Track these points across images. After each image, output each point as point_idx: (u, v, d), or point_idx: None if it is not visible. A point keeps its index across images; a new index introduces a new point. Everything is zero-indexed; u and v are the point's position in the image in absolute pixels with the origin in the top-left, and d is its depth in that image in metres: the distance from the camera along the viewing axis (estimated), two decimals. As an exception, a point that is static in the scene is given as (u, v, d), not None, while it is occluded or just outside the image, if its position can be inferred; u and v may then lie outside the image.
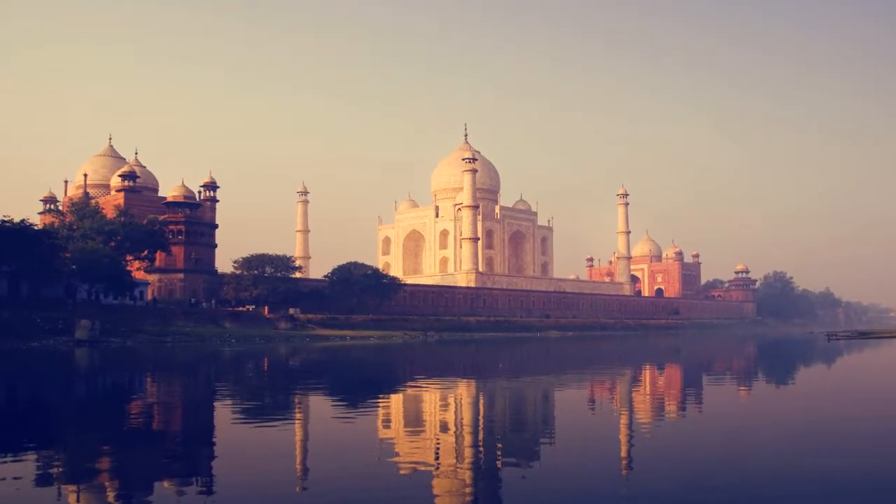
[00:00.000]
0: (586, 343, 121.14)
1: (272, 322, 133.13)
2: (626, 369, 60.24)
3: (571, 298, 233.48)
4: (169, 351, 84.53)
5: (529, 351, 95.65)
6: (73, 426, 27.90)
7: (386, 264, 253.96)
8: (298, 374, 55.75)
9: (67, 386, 44.79)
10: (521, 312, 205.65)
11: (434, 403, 33.98)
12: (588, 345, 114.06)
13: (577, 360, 75.37)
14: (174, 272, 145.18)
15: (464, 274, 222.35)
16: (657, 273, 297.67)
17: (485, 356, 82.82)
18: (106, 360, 68.85)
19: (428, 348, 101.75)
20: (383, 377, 53.11)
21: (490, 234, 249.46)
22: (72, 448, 22.78)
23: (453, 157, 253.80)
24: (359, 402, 35.24)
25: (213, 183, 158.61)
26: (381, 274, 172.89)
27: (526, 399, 36.97)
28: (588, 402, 34.98)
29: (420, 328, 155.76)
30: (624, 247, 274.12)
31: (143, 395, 39.25)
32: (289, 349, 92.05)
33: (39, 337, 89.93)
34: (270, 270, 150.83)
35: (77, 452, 21.91)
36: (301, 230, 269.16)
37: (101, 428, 27.10)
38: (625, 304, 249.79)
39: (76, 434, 25.84)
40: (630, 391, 41.21)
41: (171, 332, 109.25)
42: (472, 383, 45.86)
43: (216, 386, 45.16)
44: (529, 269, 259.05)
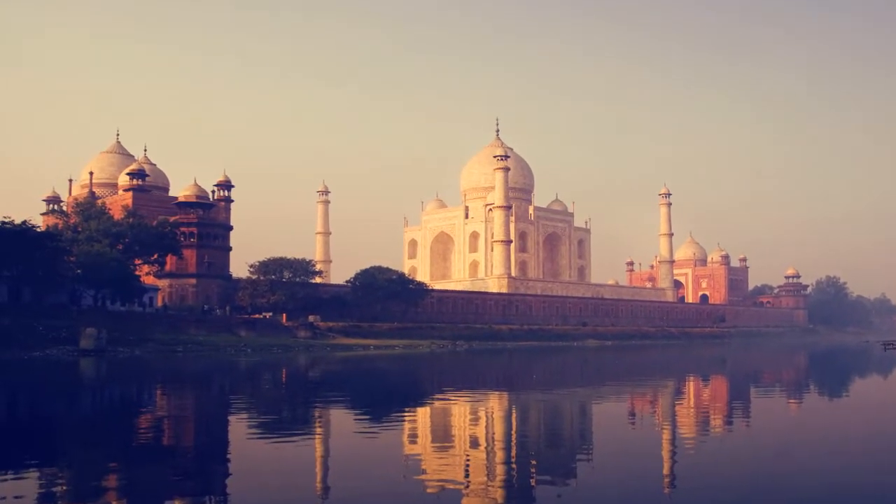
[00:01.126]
0: (626, 353, 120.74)
1: (290, 330, 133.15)
2: (668, 381, 60.12)
3: (610, 305, 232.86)
4: (180, 361, 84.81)
5: (565, 361, 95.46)
6: (77, 442, 28.07)
7: (412, 268, 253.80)
8: (318, 385, 55.86)
9: (72, 398, 45.03)
10: (556, 320, 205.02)
11: (463, 417, 34.00)
12: (628, 354, 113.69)
13: (616, 370, 75.21)
14: (186, 277, 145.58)
15: (495, 279, 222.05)
16: (702, 278, 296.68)
17: (518, 367, 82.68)
18: (113, 370, 69.18)
19: (457, 358, 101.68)
20: (409, 389, 53.24)
21: (523, 237, 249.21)
22: (76, 465, 22.92)
23: (484, 155, 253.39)
24: (383, 415, 35.32)
25: (227, 182, 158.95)
26: (406, 279, 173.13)
27: (561, 413, 36.95)
28: (628, 416, 34.94)
29: (448, 337, 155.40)
30: (666, 250, 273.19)
31: (153, 408, 39.45)
32: (308, 359, 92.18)
33: (42, 346, 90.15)
34: (289, 275, 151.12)
35: (82, 470, 22.05)
36: (321, 232, 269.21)
37: (107, 444, 27.25)
38: (667, 312, 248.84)
39: (81, 450, 25.99)
40: (673, 404, 41.12)
41: (183, 340, 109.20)
42: (504, 396, 45.86)
43: (231, 399, 45.34)
44: (565, 274, 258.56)
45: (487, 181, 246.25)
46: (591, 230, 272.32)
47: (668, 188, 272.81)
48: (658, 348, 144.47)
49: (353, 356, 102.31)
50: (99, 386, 54.19)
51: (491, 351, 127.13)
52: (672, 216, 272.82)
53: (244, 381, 60.54)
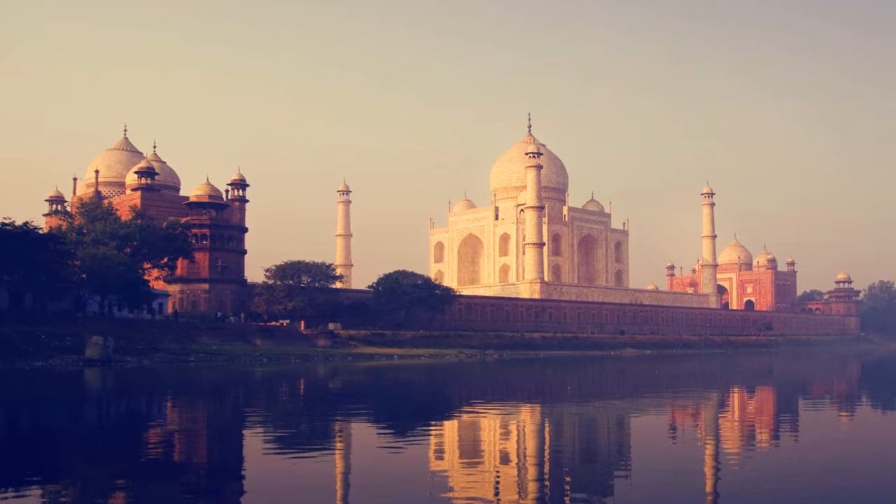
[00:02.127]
0: (666, 362, 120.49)
1: (309, 339, 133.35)
2: (711, 392, 60.07)
3: (649, 312, 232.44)
4: (192, 372, 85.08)
5: (602, 371, 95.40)
6: (82, 457, 28.23)
7: (439, 273, 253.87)
8: (339, 397, 56.01)
9: (76, 411, 45.30)
10: (591, 328, 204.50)
11: (493, 431, 34.05)
12: (668, 364, 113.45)
13: (655, 381, 75.07)
14: (198, 282, 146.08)
15: (527, 284, 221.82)
16: (747, 283, 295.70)
17: (551, 377, 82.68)
18: (120, 381, 69.47)
19: (486, 368, 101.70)
20: (435, 401, 53.30)
21: (557, 239, 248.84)
22: (81, 482, 23.06)
23: (515, 152, 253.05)
24: (407, 429, 35.39)
25: (242, 181, 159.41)
26: (433, 284, 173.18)
27: (598, 426, 36.97)
28: (668, 430, 34.93)
29: (477, 346, 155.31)
30: (709, 253, 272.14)
31: (163, 421, 39.63)
32: (328, 369, 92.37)
33: (45, 355, 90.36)
34: (307, 280, 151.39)
35: (87, 487, 22.18)
36: (342, 234, 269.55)
37: (114, 459, 27.40)
38: (710, 319, 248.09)
39: (86, 466, 26.14)
40: (716, 417, 41.11)
41: (195, 350, 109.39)
42: (537, 408, 45.89)
43: (246, 411, 45.53)
44: (602, 279, 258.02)
45: (519, 180, 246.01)
46: (629, 232, 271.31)
47: (711, 187, 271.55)
48: (700, 358, 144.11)
49: (376, 366, 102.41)
50: (105, 398, 54.47)
51: (522, 361, 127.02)
52: (715, 217, 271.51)
53: (260, 392, 60.74)
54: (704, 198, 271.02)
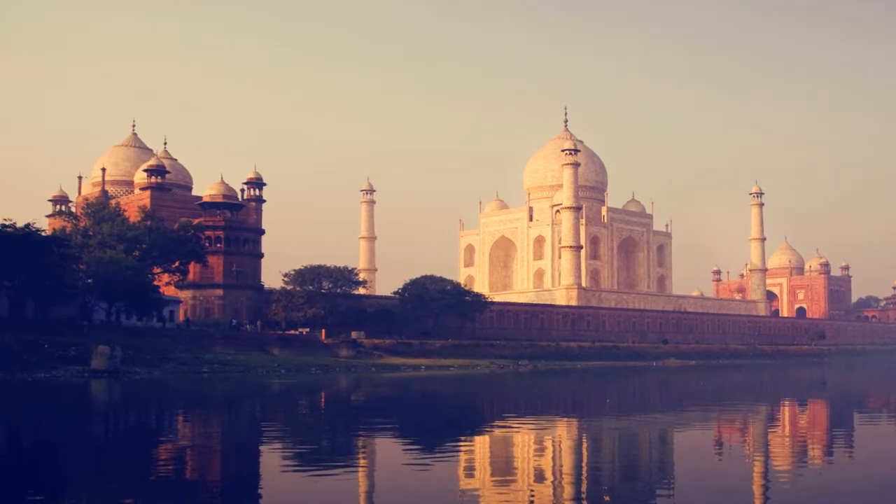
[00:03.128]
0: (712, 373, 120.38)
1: (330, 348, 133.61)
2: (760, 405, 60.04)
3: (694, 320, 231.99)
4: (205, 383, 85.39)
5: (643, 383, 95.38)
6: (88, 474, 28.30)
7: (469, 278, 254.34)
8: (362, 411, 56.14)
9: (82, 425, 45.44)
10: (632, 337, 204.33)
11: (527, 447, 34.03)
12: (714, 375, 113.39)
13: (700, 394, 75.13)
14: (211, 287, 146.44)
15: (563, 290, 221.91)
16: (798, 289, 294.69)
17: (589, 390, 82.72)
18: (128, 394, 69.74)
19: (520, 380, 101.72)
20: (465, 415, 53.30)
21: (595, 242, 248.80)
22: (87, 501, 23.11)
23: (550, 149, 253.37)
24: (436, 445, 35.40)
25: (258, 179, 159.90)
26: (462, 290, 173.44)
27: (639, 442, 36.95)
28: (714, 446, 34.91)
29: (510, 356, 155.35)
30: (758, 257, 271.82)
31: (174, 436, 39.76)
32: (351, 381, 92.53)
33: (48, 366, 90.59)
34: (328, 285, 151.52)
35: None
36: (365, 237, 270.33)
37: (122, 477, 27.46)
38: (759, 327, 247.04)
39: (92, 483, 26.20)
40: (765, 432, 41.03)
41: (208, 360, 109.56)
42: (573, 423, 45.90)
43: (263, 426, 45.59)
44: (643, 284, 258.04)
45: (554, 178, 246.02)
46: (673, 234, 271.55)
47: (760, 186, 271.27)
48: (748, 368, 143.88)
49: (402, 378, 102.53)
50: (112, 411, 54.69)
51: (558, 372, 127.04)
52: (765, 218, 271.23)
53: (278, 405, 60.91)
54: (753, 197, 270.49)
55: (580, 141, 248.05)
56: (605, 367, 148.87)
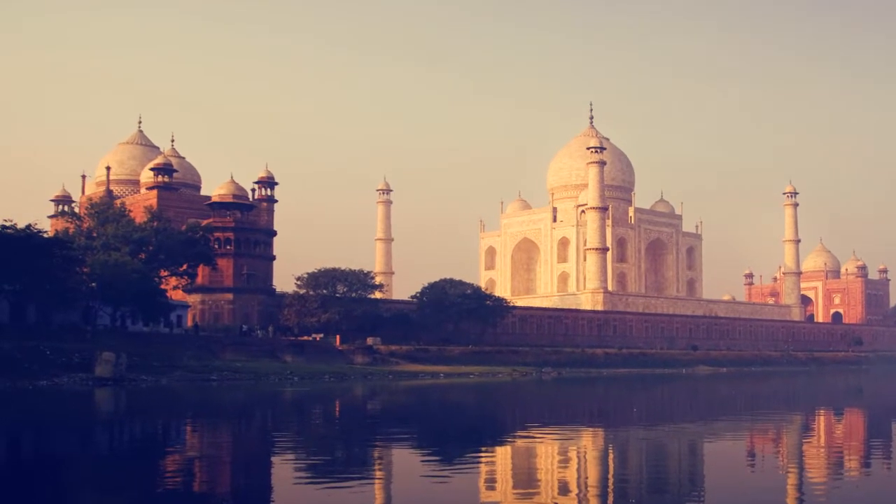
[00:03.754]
0: (744, 381, 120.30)
1: (345, 355, 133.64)
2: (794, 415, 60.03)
3: (725, 325, 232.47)
4: (214, 392, 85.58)
5: (672, 391, 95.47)
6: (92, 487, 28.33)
7: (490, 281, 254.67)
8: (379, 420, 56.17)
9: (85, 435, 45.52)
10: (661, 343, 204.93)
11: (551, 458, 34.00)
12: (746, 383, 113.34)
13: (732, 402, 75.28)
14: (221, 291, 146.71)
15: (589, 294, 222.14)
16: (834, 293, 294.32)
17: (615, 398, 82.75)
18: (134, 402, 69.88)
19: (543, 388, 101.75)
20: (486, 425, 53.34)
21: (622, 244, 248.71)
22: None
23: (575, 146, 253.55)
24: (455, 456, 35.35)
25: (270, 178, 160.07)
26: (483, 294, 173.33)
27: (667, 453, 36.91)
28: (746, 457, 34.86)
29: (533, 363, 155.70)
30: (792, 260, 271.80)
31: (182, 447, 39.81)
32: (367, 389, 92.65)
33: (50, 374, 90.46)
34: (343, 289, 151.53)
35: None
36: (382, 238, 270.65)
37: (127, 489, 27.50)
38: (793, 332, 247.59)
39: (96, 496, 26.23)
40: (800, 442, 41.02)
41: (217, 367, 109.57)
42: (599, 433, 45.87)
43: (275, 436, 45.64)
44: (672, 288, 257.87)
45: (579, 177, 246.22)
46: (703, 236, 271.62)
47: (794, 186, 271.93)
48: (782, 376, 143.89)
49: (420, 385, 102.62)
50: (118, 421, 54.78)
51: (583, 379, 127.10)
52: (799, 219, 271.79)
53: (290, 415, 60.97)
54: (787, 198, 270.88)
55: (606, 138, 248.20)
56: (633, 374, 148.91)
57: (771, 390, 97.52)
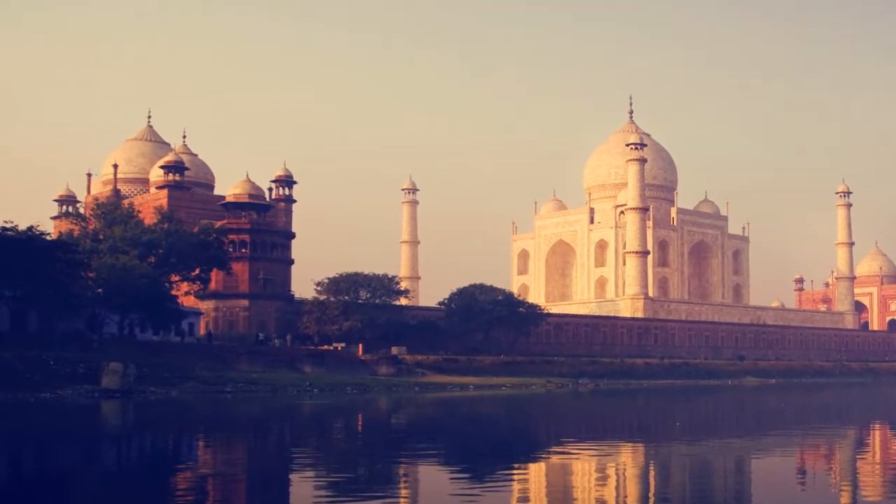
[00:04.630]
0: (795, 393, 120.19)
1: (368, 365, 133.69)
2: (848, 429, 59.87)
3: (774, 333, 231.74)
4: (228, 404, 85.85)
5: (717, 404, 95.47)
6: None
7: (522, 287, 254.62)
8: (404, 435, 56.18)
9: (91, 451, 45.66)
10: (705, 352, 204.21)
11: (588, 476, 33.97)
12: (797, 396, 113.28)
13: (781, 416, 75.31)
14: (236, 298, 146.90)
15: (628, 300, 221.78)
16: (890, 299, 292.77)
17: (656, 412, 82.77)
18: (143, 416, 70.08)
19: (579, 400, 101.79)
20: (519, 440, 53.27)
21: (664, 247, 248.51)
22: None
23: (614, 143, 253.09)
24: (486, 473, 35.37)
25: (288, 177, 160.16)
26: (515, 300, 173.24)
27: (712, 470, 36.93)
28: (797, 474, 34.84)
29: (569, 373, 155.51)
30: (845, 263, 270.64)
31: (194, 464, 39.89)
32: (391, 402, 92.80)
33: (53, 385, 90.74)
34: (366, 295, 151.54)
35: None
36: (407, 241, 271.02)
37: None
38: (846, 341, 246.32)
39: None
40: (853, 459, 40.95)
41: (232, 378, 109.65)
42: (640, 449, 45.85)
43: (293, 452, 45.75)
44: (717, 294, 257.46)
45: (618, 176, 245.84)
46: (750, 238, 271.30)
47: (848, 185, 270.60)
48: (834, 388, 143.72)
49: (448, 398, 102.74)
50: (125, 435, 54.94)
51: (622, 391, 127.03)
52: (853, 220, 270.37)
53: (310, 429, 61.05)
54: (839, 197, 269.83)
55: (647, 134, 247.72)
56: (675, 386, 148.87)
57: (823, 403, 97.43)
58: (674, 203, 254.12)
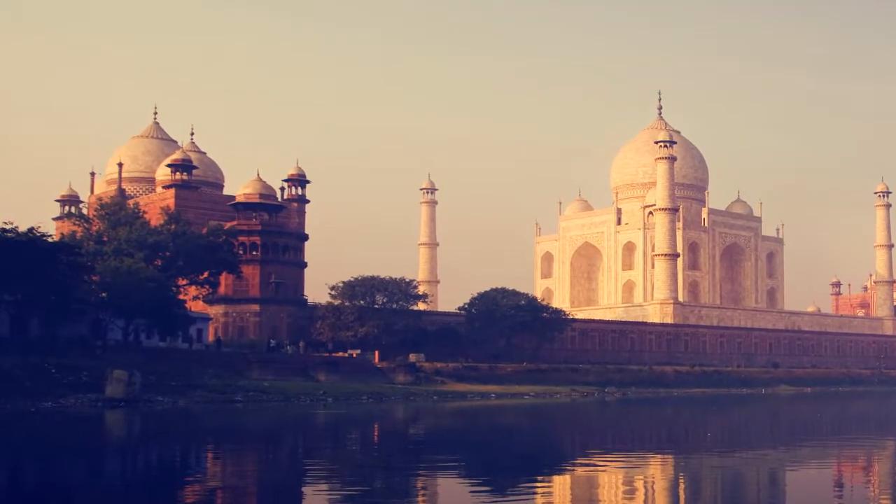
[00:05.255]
0: (831, 402, 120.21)
1: (385, 373, 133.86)
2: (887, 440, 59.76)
3: (810, 340, 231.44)
4: (239, 414, 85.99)
5: (751, 414, 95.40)
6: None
7: (546, 291, 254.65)
8: (422, 446, 56.23)
9: (95, 463, 45.73)
10: (738, 359, 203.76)
11: (615, 489, 33.95)
12: (833, 405, 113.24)
13: (817, 426, 75.37)
14: (246, 302, 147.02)
15: (657, 305, 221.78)
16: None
17: (687, 421, 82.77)
18: (149, 426, 70.20)
19: (606, 410, 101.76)
20: (543, 451, 53.29)
21: (694, 249, 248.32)
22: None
23: (642, 140, 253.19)
24: (508, 486, 35.31)
25: (301, 176, 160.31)
26: (539, 305, 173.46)
27: (745, 482, 36.98)
28: (834, 487, 34.78)
29: (595, 382, 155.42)
30: (884, 266, 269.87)
31: (203, 476, 39.92)
32: (409, 411, 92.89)
33: (55, 394, 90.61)
34: (383, 300, 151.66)
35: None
36: (426, 243, 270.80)
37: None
38: (885, 348, 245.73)
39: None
40: (893, 471, 40.91)
41: (242, 387, 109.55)
42: (669, 460, 45.85)
43: (306, 464, 45.79)
44: (750, 299, 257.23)
45: (646, 175, 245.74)
46: (785, 240, 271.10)
47: (887, 184, 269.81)
48: (873, 397, 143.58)
49: (469, 407, 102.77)
50: (131, 446, 55.03)
51: (651, 400, 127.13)
52: (892, 222, 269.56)
53: (324, 440, 61.12)
54: (878, 197, 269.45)
55: (677, 131, 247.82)
56: (706, 394, 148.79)
57: (861, 412, 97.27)
58: (705, 203, 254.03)
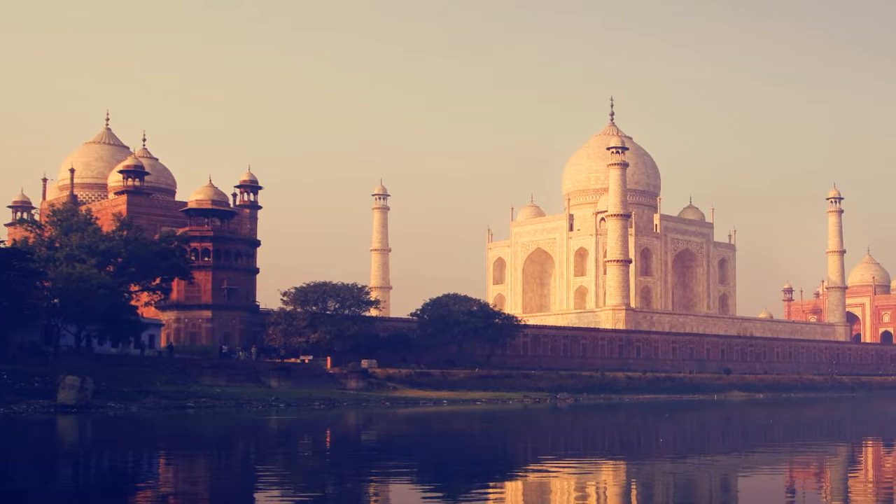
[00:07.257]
0: (783, 408, 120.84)
1: (337, 379, 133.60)
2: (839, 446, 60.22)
3: (762, 346, 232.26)
4: (191, 420, 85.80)
5: (702, 420, 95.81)
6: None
7: (499, 297, 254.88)
8: (375, 452, 56.29)
9: (47, 469, 45.56)
10: (689, 365, 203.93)
11: (567, 495, 34.10)
12: (785, 411, 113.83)
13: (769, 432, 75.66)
14: (198, 308, 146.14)
15: (610, 311, 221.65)
16: (883, 310, 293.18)
17: (639, 427, 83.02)
18: (101, 432, 69.99)
19: (558, 416, 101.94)
20: (495, 457, 53.47)
21: (647, 255, 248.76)
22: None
23: (594, 146, 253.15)
24: (460, 492, 35.53)
25: (253, 182, 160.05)
26: (491, 311, 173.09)
27: (697, 488, 37.18)
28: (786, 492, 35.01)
29: (547, 388, 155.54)
30: (836, 273, 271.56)
31: (155, 482, 39.86)
32: (361, 417, 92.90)
33: (6, 400, 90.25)
34: (335, 306, 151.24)
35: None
36: (378, 249, 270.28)
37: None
38: (837, 354, 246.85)
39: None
40: (845, 477, 41.16)
41: (194, 393, 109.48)
42: (621, 466, 46.06)
43: (258, 470, 45.76)
44: (702, 305, 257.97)
45: (598, 181, 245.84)
46: (737, 246, 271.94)
47: (839, 190, 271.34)
48: (825, 403, 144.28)
49: (421, 413, 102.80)
50: (83, 453, 54.81)
51: (603, 406, 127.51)
52: (844, 228, 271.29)
53: (276, 446, 61.11)
54: (830, 203, 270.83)
55: (629, 137, 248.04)
56: (658, 400, 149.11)
57: (813, 418, 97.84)
58: (657, 209, 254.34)
